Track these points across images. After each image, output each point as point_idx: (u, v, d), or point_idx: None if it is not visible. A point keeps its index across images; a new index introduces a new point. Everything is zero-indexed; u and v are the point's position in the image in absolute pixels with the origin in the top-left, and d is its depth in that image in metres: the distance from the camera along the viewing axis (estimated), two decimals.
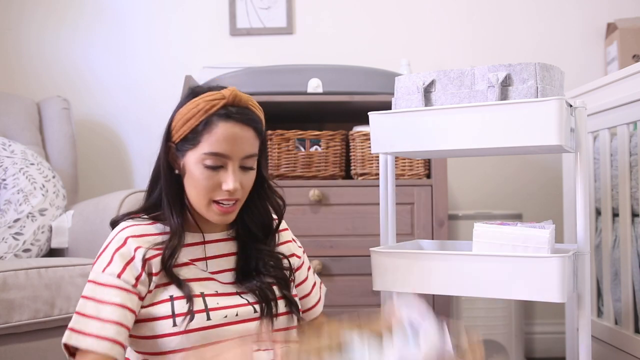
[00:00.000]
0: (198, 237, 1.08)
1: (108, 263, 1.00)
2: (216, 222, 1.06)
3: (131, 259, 1.00)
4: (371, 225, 1.86)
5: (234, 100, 1.02)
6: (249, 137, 1.03)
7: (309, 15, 2.43)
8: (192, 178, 1.02)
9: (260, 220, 1.13)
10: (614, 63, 2.26)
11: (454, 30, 2.42)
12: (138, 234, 1.03)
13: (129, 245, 1.01)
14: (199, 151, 1.01)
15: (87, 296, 0.98)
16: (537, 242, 1.12)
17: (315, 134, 1.94)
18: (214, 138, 1.00)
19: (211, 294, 1.03)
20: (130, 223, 1.05)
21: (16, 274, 1.40)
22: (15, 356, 1.38)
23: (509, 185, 2.40)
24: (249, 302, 1.05)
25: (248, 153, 1.03)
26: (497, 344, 2.04)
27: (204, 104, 1.01)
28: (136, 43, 2.44)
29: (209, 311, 1.00)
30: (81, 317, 0.97)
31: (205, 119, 1.00)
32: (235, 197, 1.03)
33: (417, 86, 1.25)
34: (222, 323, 1.00)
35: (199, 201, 1.03)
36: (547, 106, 1.09)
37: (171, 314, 0.98)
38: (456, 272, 1.18)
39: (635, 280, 1.60)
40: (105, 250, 1.02)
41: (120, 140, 2.44)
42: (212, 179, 1.01)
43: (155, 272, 1.01)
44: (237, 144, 1.01)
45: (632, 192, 1.60)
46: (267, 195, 1.13)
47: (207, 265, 1.07)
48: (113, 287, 0.98)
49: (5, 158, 1.84)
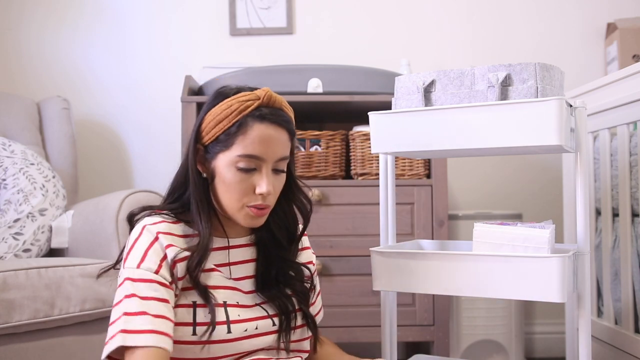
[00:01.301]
0: (222, 241, 1.05)
1: (142, 259, 0.96)
2: (247, 225, 1.03)
3: (164, 257, 0.96)
4: (371, 225, 1.86)
5: (268, 101, 1.00)
6: (282, 139, 1.00)
7: (309, 15, 2.43)
8: (224, 181, 0.99)
9: (285, 224, 1.10)
10: (614, 63, 2.26)
11: (454, 30, 2.42)
12: (167, 232, 0.99)
13: (161, 242, 0.97)
14: (232, 153, 0.98)
15: (129, 294, 0.93)
16: (537, 242, 1.12)
17: (315, 134, 1.94)
18: (248, 140, 0.97)
19: (233, 304, 1.00)
20: (157, 219, 1.01)
21: (16, 274, 1.40)
22: (15, 356, 1.38)
23: (509, 185, 2.40)
24: (269, 315, 1.03)
25: (281, 155, 1.01)
26: (497, 344, 2.04)
27: (238, 104, 0.98)
28: (136, 43, 2.44)
29: (230, 324, 0.98)
30: (130, 316, 0.92)
31: (239, 120, 0.97)
32: (267, 202, 1.00)
33: (417, 86, 1.25)
34: (242, 336, 0.99)
35: (232, 205, 1.00)
36: (547, 106, 1.09)
37: (192, 321, 0.96)
38: (456, 272, 1.18)
39: (635, 280, 1.60)
40: (135, 244, 0.98)
41: (120, 140, 2.44)
42: (245, 182, 0.99)
43: (180, 276, 0.97)
44: (272, 146, 0.99)
45: (632, 192, 1.60)
46: (294, 197, 1.10)
47: (231, 271, 1.04)
48: (152, 282, 0.94)
49: (5, 158, 1.84)
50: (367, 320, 1.85)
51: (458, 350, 2.04)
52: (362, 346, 1.84)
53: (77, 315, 1.46)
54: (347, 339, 1.85)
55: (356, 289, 1.87)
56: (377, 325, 1.49)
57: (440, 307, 1.88)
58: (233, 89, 1.02)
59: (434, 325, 1.87)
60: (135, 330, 0.90)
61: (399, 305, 1.65)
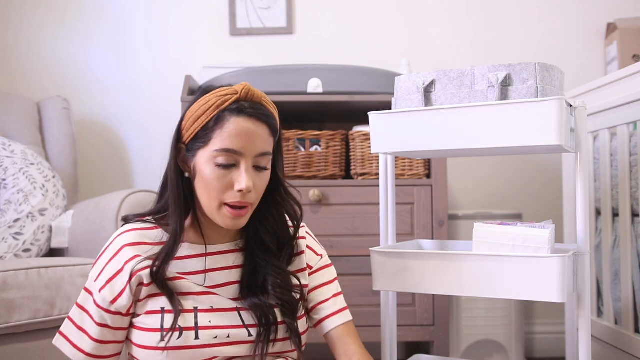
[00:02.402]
0: (199, 248, 1.03)
1: (99, 273, 1.00)
2: (227, 227, 0.99)
3: (119, 271, 0.98)
4: (371, 225, 1.86)
5: (246, 95, 0.98)
6: (262, 133, 0.98)
7: (309, 15, 2.43)
8: (203, 179, 0.97)
9: (275, 230, 1.06)
10: (614, 63, 2.26)
11: (454, 30, 2.42)
12: (135, 242, 1.00)
13: (121, 256, 0.99)
14: (210, 149, 0.96)
15: (78, 303, 1.01)
16: (537, 242, 1.12)
17: (315, 134, 1.94)
18: (225, 134, 0.95)
19: (205, 309, 0.98)
20: (132, 227, 1.02)
21: (16, 274, 1.40)
22: (15, 356, 1.38)
23: (509, 185, 2.40)
24: (244, 325, 1.00)
25: (261, 151, 0.98)
26: (497, 344, 2.04)
27: (216, 99, 0.97)
28: (136, 43, 2.44)
29: (199, 330, 0.96)
30: (69, 322, 1.01)
31: (216, 115, 0.96)
32: (248, 200, 0.97)
33: (417, 86, 1.25)
34: (211, 344, 0.96)
35: (210, 203, 0.98)
36: (547, 106, 1.09)
37: (160, 327, 0.96)
38: (456, 272, 1.18)
39: (635, 280, 1.60)
40: (101, 256, 1.02)
41: (120, 140, 2.44)
42: (223, 178, 0.96)
43: (146, 282, 0.97)
44: (250, 140, 0.96)
45: (632, 192, 1.60)
46: (282, 201, 1.07)
47: (206, 278, 1.02)
48: (95, 304, 0.99)
49: (5, 158, 1.84)
50: (367, 320, 1.84)
51: (458, 350, 2.04)
52: None
53: None
54: None
55: (356, 289, 1.87)
56: (377, 325, 1.49)
57: (440, 307, 1.88)
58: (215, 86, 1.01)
59: (434, 325, 1.87)
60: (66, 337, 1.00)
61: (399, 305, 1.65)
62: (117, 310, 0.98)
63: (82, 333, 0.99)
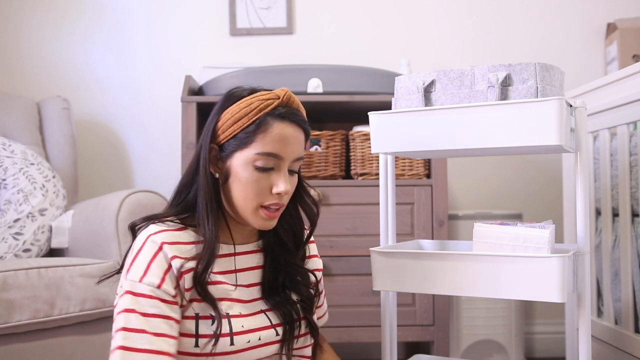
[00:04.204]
0: (229, 248, 1.04)
1: (145, 271, 0.94)
2: (259, 227, 1.01)
3: (169, 268, 0.94)
4: (371, 225, 1.86)
5: (287, 101, 1.00)
6: (300, 138, 1.01)
7: (309, 15, 2.43)
8: (240, 180, 0.98)
9: (292, 228, 1.10)
10: (614, 63, 2.26)
11: (454, 30, 2.42)
12: (172, 241, 0.96)
13: (165, 252, 0.95)
14: (250, 151, 0.97)
15: (129, 309, 0.92)
16: (537, 242, 1.12)
17: (315, 134, 1.93)
18: (268, 138, 0.97)
19: (236, 314, 0.99)
20: (161, 227, 0.98)
21: (16, 274, 1.40)
22: (15, 356, 1.38)
23: (509, 185, 2.40)
24: (272, 325, 1.02)
25: (298, 155, 1.01)
26: (497, 344, 2.04)
27: (258, 102, 0.98)
28: (136, 43, 2.44)
29: (233, 335, 0.96)
30: (129, 332, 0.91)
31: (259, 118, 0.97)
32: (284, 202, 1.00)
33: (417, 86, 1.25)
34: (244, 348, 0.98)
35: (246, 206, 0.99)
36: (547, 106, 1.09)
37: (194, 333, 0.95)
38: (455, 272, 1.18)
39: (635, 280, 1.60)
40: (138, 255, 0.96)
41: (120, 140, 2.44)
42: (262, 181, 0.98)
43: (187, 287, 0.95)
44: (290, 145, 0.99)
45: (632, 192, 1.60)
46: (301, 199, 1.10)
47: (237, 278, 1.03)
48: (154, 299, 0.93)
49: (5, 158, 1.84)
50: (367, 320, 1.84)
51: (458, 350, 2.04)
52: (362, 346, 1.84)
53: (77, 315, 1.46)
54: (347, 339, 1.85)
55: (356, 289, 1.87)
56: (377, 325, 1.49)
57: (440, 307, 1.88)
58: (247, 89, 1.02)
59: (434, 325, 1.87)
60: (134, 348, 0.90)
61: (399, 305, 1.65)
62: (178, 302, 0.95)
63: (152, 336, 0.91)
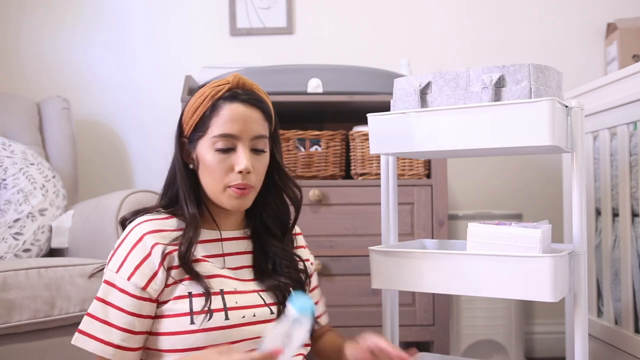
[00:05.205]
0: (215, 234, 1.08)
1: (122, 263, 1.00)
2: (233, 208, 1.05)
3: (147, 256, 0.99)
4: (371, 225, 1.86)
5: (238, 84, 1.05)
6: (256, 117, 1.04)
7: (309, 15, 2.43)
8: (206, 165, 1.03)
9: (277, 214, 1.13)
10: (614, 63, 2.26)
11: (454, 30, 2.42)
12: (155, 229, 1.02)
13: (145, 242, 1.00)
14: (208, 136, 1.02)
15: (99, 297, 1.00)
16: (529, 242, 1.13)
17: (315, 134, 1.94)
18: (221, 120, 1.02)
19: (230, 291, 1.02)
20: (146, 218, 1.04)
21: (16, 274, 1.40)
22: (15, 356, 1.38)
23: (509, 185, 2.40)
24: (266, 304, 1.05)
25: (257, 133, 1.04)
26: (497, 344, 2.04)
27: (210, 90, 1.04)
28: (136, 43, 2.44)
29: (228, 310, 1.00)
30: (90, 319, 0.99)
31: (212, 104, 1.03)
32: (249, 181, 1.03)
33: (413, 88, 1.26)
34: (240, 323, 1.00)
35: (214, 188, 1.03)
36: (539, 107, 1.09)
37: (189, 311, 0.98)
38: (450, 271, 1.19)
39: (635, 280, 1.60)
40: (119, 247, 1.02)
41: (120, 140, 2.44)
42: (224, 162, 1.02)
43: (176, 265, 1.00)
44: (245, 124, 1.02)
45: (632, 192, 1.60)
46: (283, 185, 1.13)
47: (225, 261, 1.07)
48: (123, 292, 0.98)
49: (5, 158, 1.84)
50: (367, 320, 1.85)
51: (458, 350, 2.04)
52: None
53: (77, 315, 1.46)
54: None
55: (356, 289, 1.87)
56: (377, 325, 1.49)
57: (440, 307, 1.88)
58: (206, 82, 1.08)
59: (434, 325, 1.87)
60: (91, 335, 0.98)
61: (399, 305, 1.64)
62: (149, 295, 0.98)
63: (108, 326, 0.97)
